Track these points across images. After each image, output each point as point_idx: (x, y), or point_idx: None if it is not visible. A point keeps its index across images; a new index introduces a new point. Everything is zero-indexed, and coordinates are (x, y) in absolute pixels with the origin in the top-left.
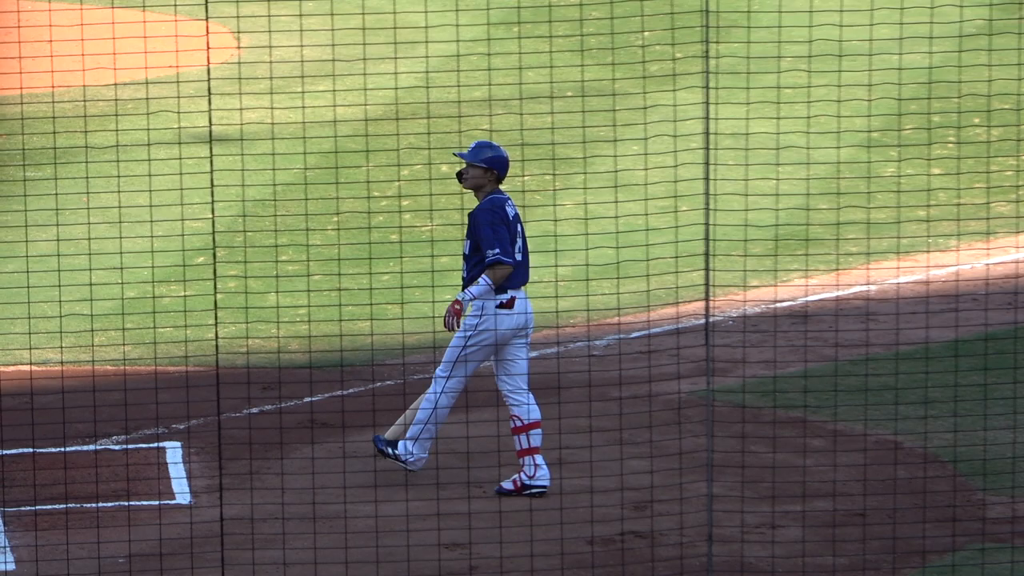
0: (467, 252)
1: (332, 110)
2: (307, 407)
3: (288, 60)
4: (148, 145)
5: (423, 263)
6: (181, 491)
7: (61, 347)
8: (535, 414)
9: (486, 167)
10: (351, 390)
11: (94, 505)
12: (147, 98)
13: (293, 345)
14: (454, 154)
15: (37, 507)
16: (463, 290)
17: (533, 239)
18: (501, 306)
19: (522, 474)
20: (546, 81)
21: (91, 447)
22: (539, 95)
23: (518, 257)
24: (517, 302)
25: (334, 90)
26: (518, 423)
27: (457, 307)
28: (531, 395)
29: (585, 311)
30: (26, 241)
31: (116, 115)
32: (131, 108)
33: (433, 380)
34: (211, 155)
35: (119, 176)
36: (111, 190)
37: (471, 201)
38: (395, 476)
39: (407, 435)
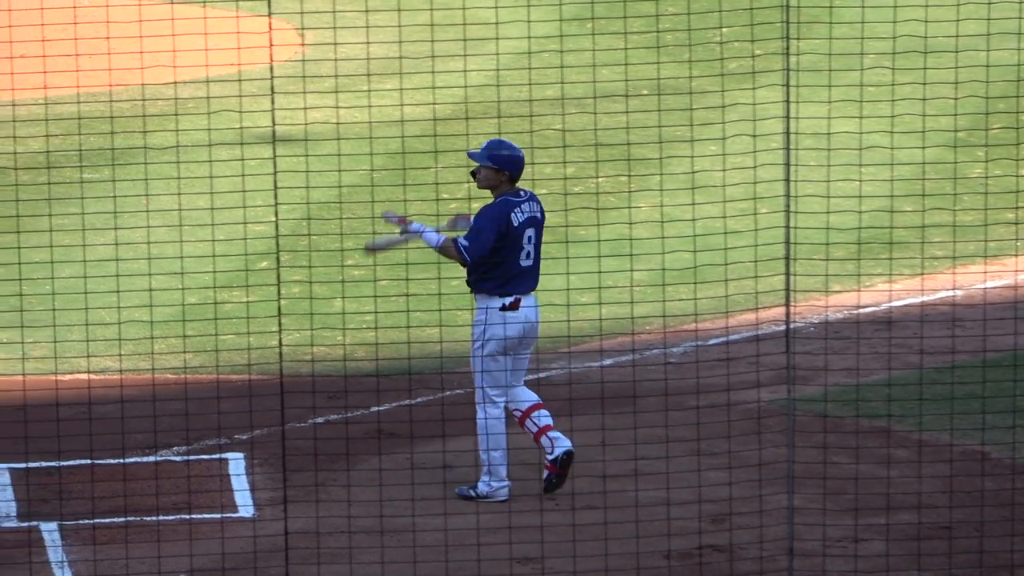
0: None
1: (399, 109)
2: (374, 417)
3: (354, 58)
4: (209, 146)
5: None
6: (244, 504)
7: (120, 355)
8: (532, 399)
9: (497, 168)
10: (419, 399)
11: (154, 518)
12: (208, 97)
13: (359, 353)
14: (468, 154)
15: (96, 520)
16: (432, 229)
17: (607, 242)
18: (504, 308)
19: (545, 457)
20: (621, 79)
21: (151, 458)
22: (614, 93)
23: (525, 263)
24: (523, 308)
25: (401, 89)
26: (518, 413)
27: (404, 220)
28: (522, 388)
29: (661, 317)
30: (83, 245)
31: (176, 115)
32: (192, 107)
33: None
34: (274, 156)
35: (179, 178)
36: (171, 192)
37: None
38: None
39: (482, 472)
